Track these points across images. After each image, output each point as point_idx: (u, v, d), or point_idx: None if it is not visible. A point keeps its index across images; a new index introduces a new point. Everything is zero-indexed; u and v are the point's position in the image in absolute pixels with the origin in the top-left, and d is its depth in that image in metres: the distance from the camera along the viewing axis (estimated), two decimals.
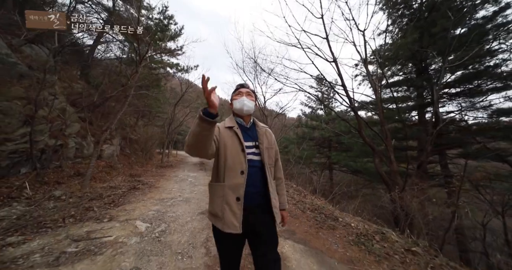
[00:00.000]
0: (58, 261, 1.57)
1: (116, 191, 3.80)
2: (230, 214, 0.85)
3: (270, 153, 1.03)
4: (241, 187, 0.88)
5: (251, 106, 1.01)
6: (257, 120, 1.11)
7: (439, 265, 1.68)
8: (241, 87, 1.07)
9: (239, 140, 0.96)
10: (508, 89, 6.21)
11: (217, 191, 0.91)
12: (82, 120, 6.24)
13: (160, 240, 2.04)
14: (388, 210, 4.23)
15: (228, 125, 1.00)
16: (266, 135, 1.06)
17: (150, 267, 1.58)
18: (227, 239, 0.88)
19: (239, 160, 0.92)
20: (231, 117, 1.07)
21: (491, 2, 4.57)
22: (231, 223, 0.84)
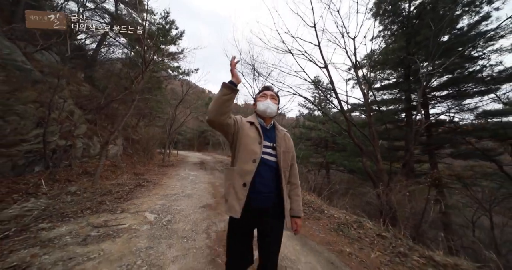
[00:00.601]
0: (86, 241, 1.90)
1: (123, 187, 4.14)
2: (234, 198, 0.88)
3: (286, 157, 1.04)
4: (249, 174, 0.90)
5: (274, 110, 1.05)
6: (277, 123, 1.12)
7: (400, 244, 2.03)
8: (266, 90, 1.10)
9: (259, 134, 0.99)
10: (492, 92, 6.58)
11: (228, 175, 0.96)
12: (88, 121, 6.57)
13: (167, 227, 2.38)
14: (375, 205, 4.57)
15: (249, 121, 1.04)
16: (284, 139, 1.07)
17: (161, 247, 1.92)
18: (240, 226, 0.92)
19: (253, 149, 0.94)
20: (254, 115, 1.10)
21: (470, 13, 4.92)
22: (233, 207, 0.87)
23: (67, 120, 5.50)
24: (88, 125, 6.40)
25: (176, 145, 18.89)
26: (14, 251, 1.64)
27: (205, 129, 25.02)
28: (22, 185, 3.80)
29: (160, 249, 1.87)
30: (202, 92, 39.23)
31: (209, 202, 3.54)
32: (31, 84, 4.62)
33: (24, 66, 4.46)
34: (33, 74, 4.64)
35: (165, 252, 1.83)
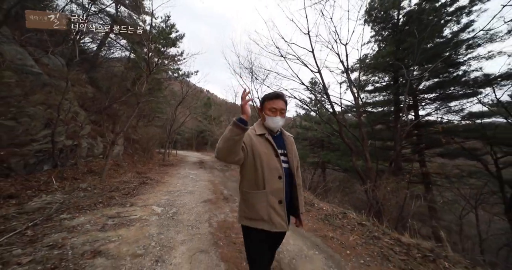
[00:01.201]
0: (104, 228, 2.20)
1: (129, 185, 4.42)
2: (277, 216, 0.92)
3: (295, 160, 1.08)
4: (281, 191, 0.95)
5: (282, 124, 1.05)
6: (283, 129, 1.14)
7: (376, 230, 2.36)
8: (277, 99, 1.03)
9: (272, 146, 0.99)
10: (476, 95, 6.99)
11: (259, 197, 0.94)
12: (92, 122, 6.82)
13: (174, 218, 2.68)
14: (364, 200, 4.92)
15: (259, 133, 1.02)
16: (291, 144, 1.10)
17: (170, 233, 2.22)
18: (262, 240, 0.96)
19: (275, 166, 0.96)
20: (260, 123, 1.08)
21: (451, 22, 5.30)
22: (279, 224, 0.92)
23: (73, 121, 5.75)
24: (92, 126, 6.65)
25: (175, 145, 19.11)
26: (47, 234, 1.93)
27: (204, 129, 25.22)
28: (34, 182, 4.06)
29: (170, 235, 2.17)
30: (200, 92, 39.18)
31: (209, 198, 3.84)
32: (40, 87, 4.87)
33: (33, 70, 4.70)
34: (41, 78, 4.89)
35: (174, 237, 2.13)
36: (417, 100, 8.49)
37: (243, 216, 0.99)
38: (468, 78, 6.08)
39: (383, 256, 1.83)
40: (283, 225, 0.93)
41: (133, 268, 1.54)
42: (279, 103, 1.01)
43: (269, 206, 0.93)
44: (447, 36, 6.08)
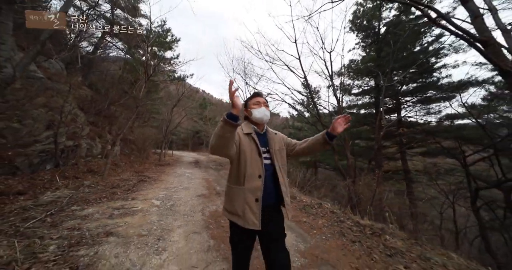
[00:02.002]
0: (112, 217, 2.57)
1: (128, 182, 4.77)
2: (251, 213, 0.95)
3: (282, 153, 1.11)
4: (259, 190, 0.97)
5: (269, 116, 1.11)
6: (268, 127, 1.19)
7: (342, 216, 2.83)
8: (258, 96, 1.13)
9: (256, 145, 1.04)
10: (451, 99, 7.64)
11: (238, 193, 0.99)
12: (90, 123, 7.08)
13: (171, 209, 3.07)
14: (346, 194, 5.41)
15: (246, 132, 1.07)
16: (275, 139, 1.13)
17: (168, 220, 2.62)
18: (244, 234, 1.00)
19: (257, 165, 1.00)
20: (247, 123, 1.13)
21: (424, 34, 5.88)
22: (252, 221, 0.95)
23: (73, 123, 6.03)
24: (90, 127, 6.92)
25: (170, 145, 19.29)
26: (64, 221, 2.30)
27: (199, 129, 25.43)
28: (39, 180, 4.36)
29: (168, 221, 2.57)
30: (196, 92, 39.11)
31: (203, 193, 4.24)
32: (43, 91, 5.14)
33: (36, 75, 4.98)
34: (44, 82, 5.16)
35: (172, 223, 2.53)
36: (399, 103, 9.12)
37: (224, 208, 1.08)
38: (441, 84, 6.70)
39: (341, 233, 2.29)
40: (255, 223, 0.95)
41: (140, 243, 1.94)
42: (260, 99, 1.12)
43: (245, 203, 0.96)
44: (424, 45, 6.69)
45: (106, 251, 1.74)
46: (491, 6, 2.81)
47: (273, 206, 1.05)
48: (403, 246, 1.97)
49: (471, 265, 1.67)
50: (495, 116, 7.36)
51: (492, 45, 2.20)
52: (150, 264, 1.61)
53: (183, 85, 11.12)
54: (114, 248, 1.80)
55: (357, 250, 1.93)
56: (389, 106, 9.68)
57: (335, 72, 7.64)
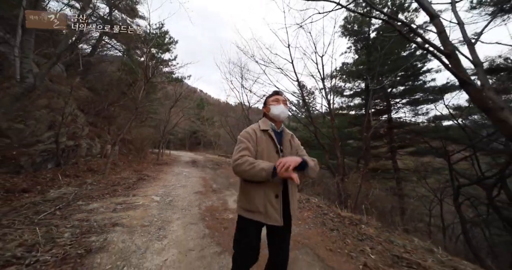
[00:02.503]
0: (115, 211, 2.81)
1: (128, 180, 4.98)
2: (272, 210, 0.97)
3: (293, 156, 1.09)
4: (278, 186, 0.99)
5: (287, 114, 1.13)
6: (285, 127, 1.19)
7: (326, 209, 3.12)
8: (277, 94, 1.15)
9: (274, 142, 1.05)
10: (437, 101, 8.04)
11: (258, 190, 0.99)
12: (89, 124, 7.25)
13: (170, 204, 3.32)
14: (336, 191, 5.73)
15: (263, 128, 1.08)
16: (290, 141, 1.14)
17: (168, 213, 2.87)
18: (256, 229, 1.02)
19: (274, 161, 0.97)
20: (265, 120, 1.15)
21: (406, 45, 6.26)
22: (273, 217, 0.96)
23: (73, 123, 6.21)
24: (89, 127, 7.09)
25: (168, 145, 19.41)
26: (72, 214, 2.53)
27: (197, 129, 25.56)
28: (41, 178, 4.55)
29: (167, 214, 2.82)
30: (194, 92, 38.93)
31: (200, 190, 4.49)
32: (44, 93, 5.32)
33: None
34: (45, 84, 5.33)
35: (171, 215, 2.79)
36: (390, 105, 9.50)
37: (241, 207, 1.05)
38: (427, 87, 7.08)
39: (323, 223, 2.58)
40: (277, 219, 0.96)
41: (143, 232, 2.19)
42: (279, 97, 1.15)
43: (266, 199, 0.97)
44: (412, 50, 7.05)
45: (114, 238, 1.99)
46: (459, 20, 3.14)
47: (283, 202, 1.04)
48: (374, 233, 2.26)
49: (426, 245, 1.97)
50: (479, 117, 7.78)
51: (453, 57, 2.52)
52: (153, 247, 1.87)
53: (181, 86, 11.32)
54: (121, 235, 2.05)
55: (334, 236, 2.22)
56: (380, 108, 10.07)
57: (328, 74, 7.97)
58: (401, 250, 1.86)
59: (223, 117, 13.35)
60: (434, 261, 1.63)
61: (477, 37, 3.09)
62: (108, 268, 1.50)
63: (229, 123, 12.63)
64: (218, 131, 20.04)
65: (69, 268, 1.44)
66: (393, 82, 8.08)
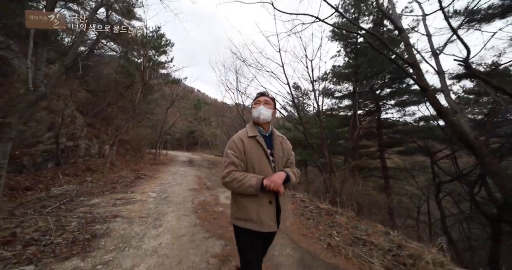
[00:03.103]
0: (115, 205, 3.09)
1: (126, 179, 5.24)
2: (267, 216, 0.95)
3: (283, 161, 1.09)
4: (271, 192, 0.96)
5: (268, 114, 1.07)
6: (275, 130, 1.16)
7: (308, 203, 3.45)
8: (260, 96, 1.12)
9: (263, 148, 1.02)
10: (421, 103, 8.46)
11: (250, 198, 0.97)
12: (88, 125, 7.46)
13: (166, 199, 3.61)
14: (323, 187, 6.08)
15: (250, 135, 1.05)
16: (282, 144, 1.11)
17: (163, 207, 3.15)
18: (257, 239, 0.99)
19: (266, 168, 0.99)
20: (252, 125, 1.12)
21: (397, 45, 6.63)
22: (268, 224, 0.95)
23: (71, 124, 6.42)
24: (88, 128, 7.30)
25: (165, 145, 19.56)
26: (76, 208, 2.80)
27: (194, 129, 25.72)
28: (42, 177, 4.78)
29: (163, 208, 3.11)
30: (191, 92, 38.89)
31: (194, 187, 4.78)
32: None
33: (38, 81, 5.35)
34: None
35: (166, 209, 3.08)
36: (379, 106, 9.91)
37: (234, 216, 1.03)
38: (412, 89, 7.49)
39: (302, 214, 2.90)
40: (272, 225, 0.95)
41: (141, 222, 2.48)
42: (261, 98, 1.11)
43: (260, 207, 0.96)
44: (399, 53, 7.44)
45: (115, 226, 2.27)
46: (427, 32, 3.50)
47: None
48: (344, 221, 2.59)
49: (385, 229, 2.31)
50: None
51: (416, 67, 2.86)
52: (149, 234, 2.16)
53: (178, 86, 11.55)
54: (121, 224, 2.34)
55: (309, 224, 2.54)
56: (370, 109, 10.48)
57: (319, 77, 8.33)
58: (363, 233, 2.19)
59: (219, 117, 13.62)
60: (386, 240, 1.97)
61: (441, 48, 3.45)
62: (111, 249, 1.79)
63: (225, 123, 12.91)
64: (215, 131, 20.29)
65: (79, 249, 1.73)
66: (381, 84, 8.46)
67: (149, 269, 1.55)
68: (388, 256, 1.71)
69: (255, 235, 0.96)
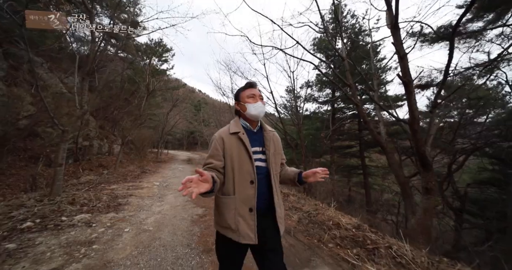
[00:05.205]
0: (129, 189, 4.13)
1: (134, 172, 6.30)
2: (245, 226, 0.85)
3: (277, 159, 1.00)
4: (252, 198, 0.87)
5: (264, 112, 0.97)
6: (264, 124, 1.03)
7: (289, 195, 4.47)
8: (252, 88, 0.98)
9: (245, 147, 0.91)
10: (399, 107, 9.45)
11: (228, 204, 0.88)
12: (99, 127, 8.54)
13: (166, 187, 4.65)
14: None
15: (233, 131, 0.93)
16: (273, 140, 1.00)
17: (165, 191, 4.19)
18: (236, 247, 0.88)
19: (247, 169, 0.88)
20: (236, 120, 1.00)
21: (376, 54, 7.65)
22: (247, 235, 0.85)
23: (86, 126, 7.50)
24: (99, 130, 8.38)
25: (166, 145, 20.62)
26: (102, 190, 3.85)
27: (194, 130, 26.76)
28: (66, 170, 5.83)
29: (164, 192, 4.15)
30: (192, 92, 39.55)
31: None
32: (66, 102, 6.60)
33: (62, 90, 6.42)
34: (67, 96, 6.62)
35: (167, 192, 4.12)
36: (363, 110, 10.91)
37: (215, 221, 0.95)
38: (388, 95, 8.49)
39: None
40: (250, 237, 0.84)
41: (149, 198, 3.52)
42: (255, 91, 0.97)
43: (238, 214, 0.86)
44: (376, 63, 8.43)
45: (132, 200, 3.32)
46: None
47: (268, 214, 0.93)
48: (294, 200, 3.60)
49: (319, 203, 3.32)
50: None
51: (352, 88, 3.87)
52: (155, 205, 3.20)
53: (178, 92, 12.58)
54: (136, 200, 3.38)
55: None
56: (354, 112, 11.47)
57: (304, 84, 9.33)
58: (299, 205, 3.21)
59: (217, 119, 14.65)
60: (313, 209, 2.98)
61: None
62: (132, 210, 2.84)
63: (222, 124, 13.94)
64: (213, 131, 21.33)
65: (112, 209, 2.77)
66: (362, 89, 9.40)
67: (156, 218, 2.59)
68: (305, 214, 2.72)
69: (236, 245, 0.86)
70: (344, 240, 2.01)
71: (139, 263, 1.62)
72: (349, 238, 2.02)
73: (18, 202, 2.63)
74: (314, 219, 2.55)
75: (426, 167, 2.93)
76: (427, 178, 2.91)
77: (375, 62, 8.19)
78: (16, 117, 4.94)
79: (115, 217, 2.53)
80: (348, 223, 2.32)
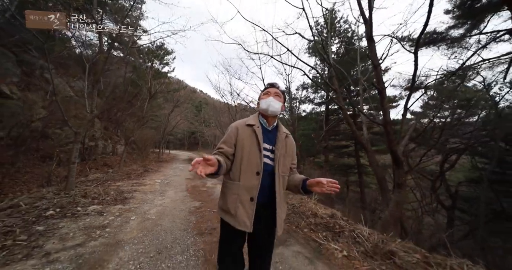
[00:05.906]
0: (133, 185, 4.52)
1: (137, 171, 6.69)
2: (243, 213, 0.89)
3: (286, 161, 1.01)
4: (255, 188, 0.90)
5: (277, 107, 0.99)
6: (281, 125, 1.08)
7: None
8: (270, 87, 1.04)
9: (257, 139, 0.95)
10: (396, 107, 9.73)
11: (232, 189, 0.92)
12: (103, 128, 8.96)
13: (168, 184, 5.02)
14: None
15: (249, 123, 0.99)
16: (286, 141, 1.03)
17: (166, 188, 4.56)
18: (234, 233, 0.93)
19: (255, 160, 0.92)
20: (256, 115, 1.05)
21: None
22: (243, 222, 0.88)
23: (91, 128, 7.91)
24: (104, 131, 8.79)
25: (168, 145, 21.05)
26: (109, 187, 4.23)
27: (195, 130, 27.18)
28: None
29: (166, 188, 4.53)
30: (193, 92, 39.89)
31: (189, 177, 6.20)
32: (73, 105, 7.02)
33: (70, 94, 6.84)
34: (74, 99, 7.04)
35: (168, 188, 4.49)
36: (354, 111, 11.20)
37: (219, 205, 1.01)
38: None
39: None
40: (246, 224, 0.88)
41: (151, 194, 3.89)
42: (272, 89, 1.03)
43: (239, 201, 0.90)
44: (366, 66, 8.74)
45: (136, 195, 3.69)
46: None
47: (267, 210, 0.96)
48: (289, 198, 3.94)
49: (303, 199, 3.67)
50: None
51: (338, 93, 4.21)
52: (157, 199, 3.57)
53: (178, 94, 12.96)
54: (139, 194, 3.76)
55: None
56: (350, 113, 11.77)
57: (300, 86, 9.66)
58: (293, 202, 3.56)
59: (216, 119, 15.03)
60: (300, 203, 3.32)
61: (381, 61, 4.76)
62: (137, 202, 3.21)
63: (222, 125, 14.30)
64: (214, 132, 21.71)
65: (119, 202, 3.15)
66: (358, 91, 9.70)
67: (158, 210, 2.96)
68: (290, 206, 3.06)
69: (236, 231, 0.91)
70: (318, 226, 2.35)
71: (144, 241, 1.98)
72: (322, 225, 2.36)
73: (39, 194, 3.02)
74: (297, 210, 2.90)
75: (398, 164, 3.25)
76: (399, 174, 3.23)
77: (366, 66, 8.52)
78: (30, 120, 5.34)
79: (123, 208, 2.90)
80: (325, 213, 2.66)
